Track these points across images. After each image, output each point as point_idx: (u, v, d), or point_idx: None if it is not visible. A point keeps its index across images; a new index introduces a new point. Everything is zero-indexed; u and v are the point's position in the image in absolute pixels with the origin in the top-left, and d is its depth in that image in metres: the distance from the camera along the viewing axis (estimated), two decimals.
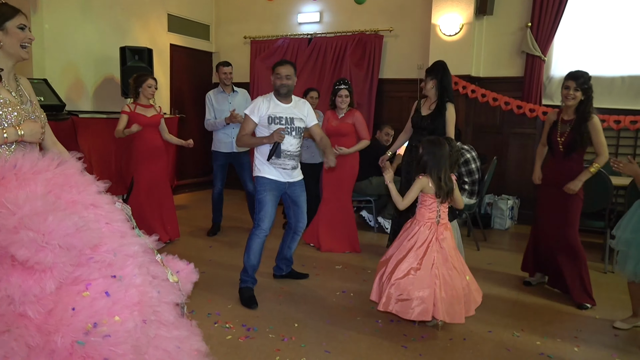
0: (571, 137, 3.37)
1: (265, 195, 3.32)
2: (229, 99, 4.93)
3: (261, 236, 3.35)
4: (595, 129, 3.31)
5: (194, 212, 6.17)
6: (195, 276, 2.12)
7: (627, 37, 5.25)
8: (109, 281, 1.60)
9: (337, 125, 4.44)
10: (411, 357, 2.64)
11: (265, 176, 3.33)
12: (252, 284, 3.40)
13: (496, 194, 5.87)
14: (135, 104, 4.46)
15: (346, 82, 4.46)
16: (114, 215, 1.82)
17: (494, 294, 3.62)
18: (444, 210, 2.95)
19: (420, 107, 4.07)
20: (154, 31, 6.68)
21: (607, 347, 2.82)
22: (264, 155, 3.32)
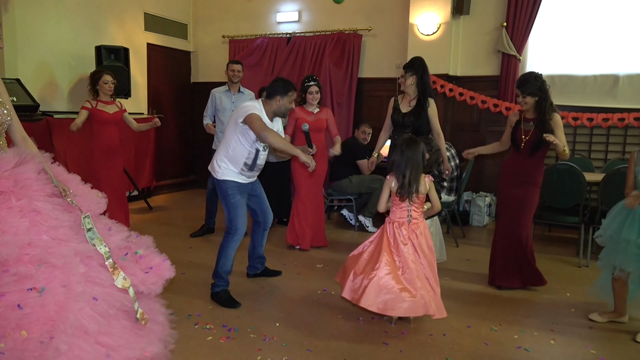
0: (536, 135, 3.41)
1: (238, 198, 3.28)
2: (233, 98, 4.89)
3: (239, 241, 3.33)
4: (558, 125, 3.38)
5: (173, 213, 6.11)
6: (169, 272, 2.09)
7: (598, 37, 5.38)
8: (25, 294, 1.59)
9: (314, 121, 4.39)
10: (392, 353, 2.67)
11: (234, 180, 3.26)
12: (227, 286, 3.37)
13: (474, 192, 5.95)
14: (97, 100, 4.43)
15: (315, 79, 4.43)
16: (58, 222, 1.79)
17: (473, 289, 3.68)
18: (415, 209, 2.97)
19: (399, 104, 4.09)
20: (130, 30, 6.58)
21: (582, 339, 2.89)
22: (236, 164, 3.24)
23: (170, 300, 3.27)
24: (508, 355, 2.67)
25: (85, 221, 1.88)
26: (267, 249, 4.17)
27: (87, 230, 1.86)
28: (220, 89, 4.95)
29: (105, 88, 4.44)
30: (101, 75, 4.44)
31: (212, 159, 3.36)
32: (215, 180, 3.32)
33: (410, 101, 4.01)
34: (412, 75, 3.94)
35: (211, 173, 3.35)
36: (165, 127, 7.21)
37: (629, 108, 5.20)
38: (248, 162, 3.26)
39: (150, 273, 1.99)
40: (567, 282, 3.83)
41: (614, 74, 5.34)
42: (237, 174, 3.27)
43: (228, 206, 3.27)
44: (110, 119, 4.49)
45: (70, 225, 1.84)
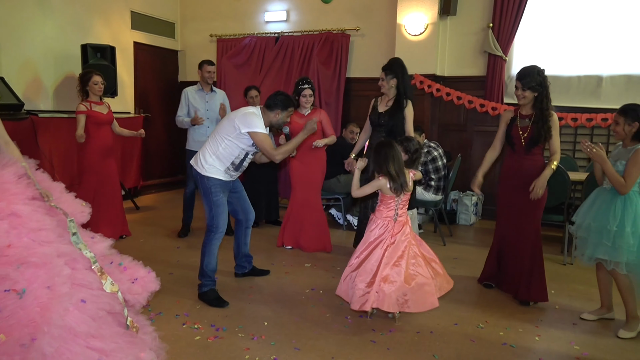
0: (533, 130, 3.26)
1: (221, 197, 3.30)
2: (207, 98, 4.88)
3: (220, 239, 3.35)
4: (554, 126, 3.25)
5: (161, 213, 6.07)
6: (154, 285, 2.04)
7: (582, 39, 5.46)
8: (2, 296, 1.56)
9: (304, 123, 4.40)
10: (380, 351, 2.69)
11: (219, 177, 3.28)
12: (214, 285, 3.37)
13: (461, 191, 6.01)
14: (89, 101, 4.39)
15: (309, 82, 4.40)
16: (40, 224, 1.77)
17: (460, 287, 3.71)
18: (401, 207, 3.02)
19: (377, 105, 4.13)
20: (116, 28, 6.53)
21: (566, 335, 2.94)
22: (224, 163, 3.27)
23: (158, 300, 3.28)
24: (494, 352, 2.71)
25: (71, 225, 1.85)
26: (255, 248, 4.18)
27: (72, 234, 1.83)
28: (193, 88, 4.92)
29: (95, 89, 4.41)
30: (91, 76, 4.41)
31: (198, 155, 3.36)
32: (198, 176, 3.30)
33: (388, 101, 4.06)
34: (393, 78, 3.98)
35: (194, 168, 3.33)
36: (153, 126, 7.18)
37: (612, 108, 5.28)
38: (235, 162, 3.31)
39: (135, 284, 1.96)
40: (552, 280, 3.88)
41: (598, 75, 5.43)
42: (222, 172, 3.29)
43: (210, 204, 3.28)
44: (105, 119, 4.48)
45: (53, 228, 1.81)
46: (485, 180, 6.16)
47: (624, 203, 2.86)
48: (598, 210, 2.95)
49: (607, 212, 2.89)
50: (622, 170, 2.86)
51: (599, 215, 2.93)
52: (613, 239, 2.82)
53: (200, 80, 4.91)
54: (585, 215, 3.03)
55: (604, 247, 2.87)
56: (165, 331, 2.84)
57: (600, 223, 2.90)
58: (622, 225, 2.81)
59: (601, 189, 3.03)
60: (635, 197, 2.86)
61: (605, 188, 2.99)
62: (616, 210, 2.86)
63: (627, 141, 2.92)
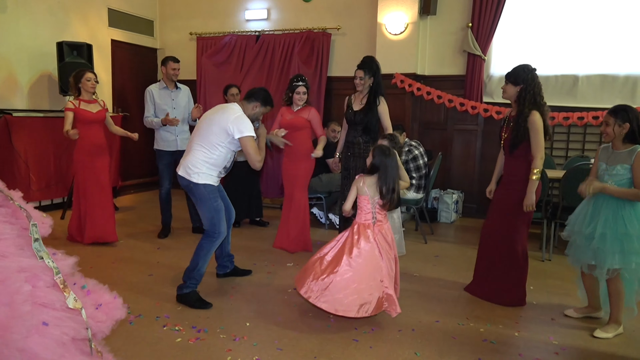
0: (511, 133, 3.21)
1: (219, 202, 3.27)
2: (172, 96, 4.80)
3: (218, 243, 3.32)
4: (533, 127, 3.09)
5: (141, 213, 5.99)
6: (120, 313, 1.85)
7: (559, 39, 5.55)
8: None
9: (292, 119, 4.37)
10: (362, 349, 2.69)
11: (211, 183, 3.24)
12: (196, 287, 3.32)
13: (442, 189, 6.06)
14: (79, 99, 4.32)
15: (304, 79, 4.40)
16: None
17: (441, 285, 3.74)
18: (379, 211, 3.03)
19: (352, 103, 4.16)
20: (93, 26, 6.41)
21: (545, 330, 2.98)
22: (216, 169, 3.23)
23: (138, 302, 3.23)
24: (475, 348, 2.73)
25: (33, 229, 1.68)
26: (237, 248, 4.15)
27: (34, 240, 1.67)
28: (155, 85, 4.81)
29: (88, 85, 4.33)
30: (84, 73, 4.34)
31: (185, 163, 3.22)
32: (193, 185, 3.19)
33: (362, 99, 4.10)
34: (371, 77, 4.03)
35: (185, 178, 3.21)
36: (131, 125, 7.06)
37: (587, 107, 5.40)
38: (227, 165, 3.30)
39: (99, 310, 1.77)
40: (531, 276, 3.92)
41: (574, 75, 5.53)
42: (214, 177, 3.26)
43: (211, 210, 3.22)
44: (94, 118, 4.37)
45: (13, 239, 1.65)
46: (465, 179, 6.29)
47: (632, 206, 2.80)
48: (607, 217, 2.83)
49: (617, 216, 2.79)
50: (623, 173, 2.79)
51: (609, 221, 2.81)
52: (635, 243, 2.74)
53: (164, 77, 4.78)
54: (591, 223, 2.89)
55: (624, 254, 2.76)
56: (145, 334, 2.81)
57: (615, 229, 2.78)
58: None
59: (599, 196, 2.89)
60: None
61: (605, 195, 2.87)
62: (629, 213, 2.78)
63: (618, 143, 2.86)
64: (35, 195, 5.57)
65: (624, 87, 5.34)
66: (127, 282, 3.63)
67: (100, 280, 1.89)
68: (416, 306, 3.30)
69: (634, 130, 2.80)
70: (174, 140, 4.76)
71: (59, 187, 5.79)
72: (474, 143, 6.11)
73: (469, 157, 6.15)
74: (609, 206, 2.84)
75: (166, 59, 4.78)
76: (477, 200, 6.17)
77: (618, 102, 5.34)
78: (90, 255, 4.22)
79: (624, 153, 2.83)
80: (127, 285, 3.55)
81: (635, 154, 2.77)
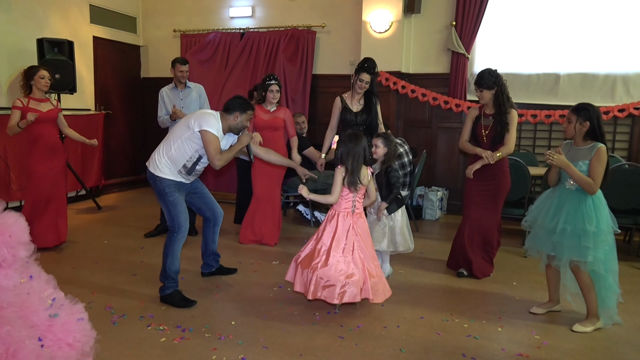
0: (495, 129, 3.56)
1: (177, 196, 3.23)
2: (181, 95, 4.77)
3: (183, 239, 3.28)
4: (512, 122, 3.53)
5: (124, 212, 5.92)
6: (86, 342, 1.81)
7: (541, 38, 5.63)
8: None
9: (270, 119, 4.45)
10: (348, 346, 2.70)
11: (172, 179, 3.21)
12: (177, 286, 3.30)
13: (427, 186, 6.11)
14: (28, 98, 4.16)
15: (276, 78, 4.46)
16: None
17: (426, 281, 3.78)
18: (358, 200, 3.11)
19: (348, 104, 4.17)
20: (74, 22, 6.31)
21: (527, 325, 3.03)
22: (175, 165, 3.20)
23: (122, 302, 3.20)
24: (459, 344, 2.76)
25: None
26: (222, 246, 4.13)
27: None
28: (167, 87, 4.82)
29: (41, 83, 4.14)
30: (37, 70, 4.15)
31: (152, 155, 3.28)
32: (152, 177, 3.21)
33: (359, 100, 4.12)
34: (372, 77, 4.07)
35: (148, 169, 3.24)
36: (114, 123, 6.99)
37: (569, 105, 5.41)
38: (187, 165, 3.23)
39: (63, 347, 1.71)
40: (513, 272, 4.01)
41: (555, 73, 5.61)
42: (175, 173, 3.23)
43: (167, 205, 3.21)
44: (43, 117, 4.14)
45: None
46: (449, 176, 6.34)
47: (593, 202, 2.88)
48: (569, 213, 2.90)
49: (578, 213, 2.88)
50: (585, 169, 2.88)
51: (570, 217, 2.89)
52: (592, 239, 2.82)
53: (174, 79, 4.79)
54: (550, 217, 2.99)
55: (581, 249, 2.84)
56: (129, 334, 2.78)
57: (575, 225, 2.86)
58: (599, 224, 2.84)
59: (563, 190, 2.99)
60: (600, 194, 2.91)
61: (569, 189, 2.95)
62: (588, 211, 2.86)
63: (579, 140, 2.96)
64: (15, 195, 5.46)
65: (603, 86, 5.44)
66: (110, 282, 3.59)
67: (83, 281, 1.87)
68: (401, 303, 3.32)
69: (594, 128, 2.90)
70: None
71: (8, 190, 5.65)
72: (458, 141, 6.14)
73: (453, 155, 6.20)
74: (572, 202, 2.93)
75: (174, 61, 4.76)
76: (462, 197, 6.22)
77: (598, 100, 5.50)
78: (72, 255, 4.16)
79: (585, 150, 2.94)
80: (111, 286, 3.51)
81: (595, 150, 2.88)
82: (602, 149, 2.87)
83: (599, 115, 2.92)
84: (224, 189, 6.49)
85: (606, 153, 2.88)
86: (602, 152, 2.86)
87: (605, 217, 2.88)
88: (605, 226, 2.86)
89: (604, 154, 2.86)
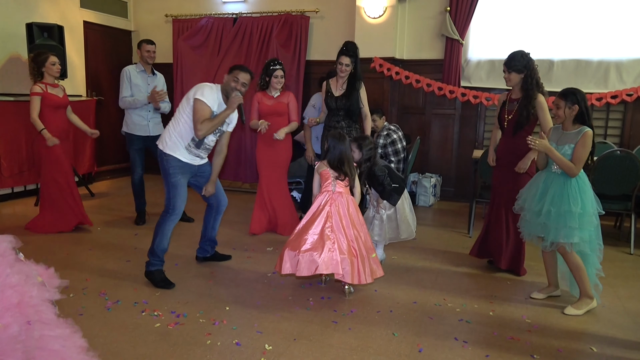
0: (517, 115, 3.43)
1: (180, 178, 3.26)
2: (149, 81, 4.71)
3: (175, 221, 3.31)
4: (541, 107, 3.37)
5: (116, 199, 5.90)
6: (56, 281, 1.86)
7: (535, 24, 5.61)
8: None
9: (274, 104, 4.33)
10: (341, 330, 2.73)
11: (179, 158, 3.25)
12: (162, 266, 3.34)
13: (420, 173, 6.12)
14: (45, 83, 4.18)
15: (280, 63, 4.37)
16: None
17: (419, 267, 3.81)
18: (339, 183, 3.17)
19: (332, 89, 4.18)
20: (64, 7, 6.21)
21: (518, 309, 3.07)
22: (184, 139, 3.23)
23: (116, 289, 3.21)
24: (451, 328, 2.80)
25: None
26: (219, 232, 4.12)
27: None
28: (133, 67, 4.70)
29: (53, 70, 4.19)
30: (48, 57, 4.18)
31: (163, 134, 3.34)
32: (161, 155, 3.26)
33: (342, 84, 4.13)
34: (354, 61, 4.08)
35: (158, 147, 3.30)
36: (106, 110, 6.92)
37: None
38: (196, 139, 3.25)
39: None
40: None
41: (549, 59, 5.60)
42: (184, 149, 3.25)
43: (168, 185, 3.26)
44: (61, 102, 4.27)
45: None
46: (443, 163, 6.36)
47: (578, 184, 2.94)
48: (554, 195, 2.97)
49: (563, 195, 2.93)
50: (570, 153, 2.94)
51: (556, 199, 2.94)
52: (577, 220, 2.88)
53: (140, 60, 4.69)
54: (537, 200, 3.05)
55: (567, 230, 2.90)
56: (123, 319, 2.79)
57: (560, 207, 2.91)
58: (584, 206, 2.89)
59: (549, 174, 3.05)
60: (585, 176, 2.99)
61: (555, 172, 3.01)
62: (573, 193, 2.92)
63: (568, 124, 3.00)
64: (7, 182, 5.43)
65: (597, 72, 5.44)
66: (104, 268, 3.59)
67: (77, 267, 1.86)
68: (394, 288, 3.35)
69: (582, 112, 2.94)
70: (146, 125, 4.67)
71: (32, 173, 5.66)
72: (452, 127, 6.17)
73: (446, 141, 6.21)
74: (557, 185, 2.99)
75: (140, 42, 4.69)
76: (455, 183, 6.25)
77: (592, 87, 5.51)
78: (66, 242, 4.15)
79: (572, 134, 2.98)
80: (105, 272, 3.52)
81: (582, 134, 2.92)
82: (588, 133, 2.92)
83: (585, 99, 2.97)
84: (242, 179, 6.49)
85: (592, 137, 2.92)
86: (587, 137, 2.91)
87: (590, 199, 2.94)
88: (591, 207, 2.92)
89: (589, 139, 2.91)
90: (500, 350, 2.56)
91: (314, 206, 3.18)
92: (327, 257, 2.95)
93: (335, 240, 3.02)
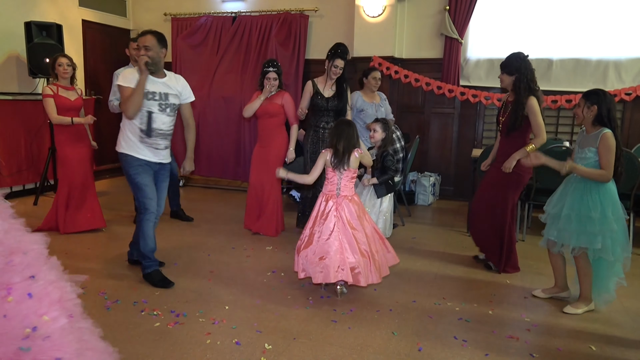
0: (509, 117, 3.41)
1: (143, 177, 3.21)
2: None
3: (152, 219, 3.28)
4: (531, 110, 3.30)
5: (117, 198, 5.89)
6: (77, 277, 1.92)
7: (534, 23, 5.61)
8: (28, 282, 1.49)
9: (265, 105, 4.26)
10: (341, 330, 2.73)
11: (135, 155, 3.19)
12: (157, 266, 3.34)
13: (419, 172, 6.12)
14: (57, 85, 4.18)
15: (275, 64, 4.24)
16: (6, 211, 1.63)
17: (418, 266, 3.81)
18: (344, 184, 3.11)
19: (321, 90, 4.22)
20: (63, 6, 6.20)
21: (517, 308, 3.07)
22: (134, 132, 3.19)
23: (115, 288, 3.20)
24: (450, 327, 2.80)
25: None
26: (216, 231, 4.13)
27: None
28: (127, 70, 4.64)
29: (60, 71, 4.18)
30: (56, 58, 4.19)
31: (118, 137, 3.30)
32: (120, 157, 3.24)
33: (332, 85, 4.22)
34: (344, 62, 4.18)
35: (117, 150, 3.27)
36: (104, 109, 6.88)
37: (561, 91, 5.50)
38: (143, 128, 3.19)
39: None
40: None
41: (548, 58, 5.60)
42: (139, 143, 3.20)
43: (133, 187, 3.25)
44: (71, 105, 4.23)
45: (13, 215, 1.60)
46: (442, 162, 6.36)
47: (598, 188, 2.87)
48: (574, 199, 2.91)
49: (583, 200, 2.87)
50: (591, 156, 2.86)
51: (575, 203, 2.89)
52: (597, 226, 2.82)
53: (131, 60, 4.62)
54: (558, 204, 3.00)
55: (588, 235, 2.84)
56: (123, 319, 2.79)
57: (579, 212, 2.86)
58: (604, 211, 2.83)
59: (571, 177, 2.99)
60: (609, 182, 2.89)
61: (576, 176, 2.95)
62: (594, 197, 2.86)
63: (588, 126, 2.93)
64: (5, 181, 5.43)
65: (595, 71, 5.45)
66: (103, 267, 3.59)
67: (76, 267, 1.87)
68: (394, 287, 3.35)
69: (602, 114, 2.85)
70: None
71: (31, 172, 5.65)
72: (451, 126, 6.17)
73: (446, 140, 6.22)
74: (577, 189, 2.93)
75: (132, 41, 4.58)
76: (454, 182, 6.26)
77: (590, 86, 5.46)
78: (66, 241, 4.15)
79: (592, 136, 2.90)
80: (104, 271, 3.51)
81: (601, 136, 2.84)
82: (607, 134, 2.82)
83: (611, 101, 2.86)
84: (241, 178, 6.47)
85: (613, 138, 2.82)
86: (607, 138, 2.81)
87: (611, 204, 2.84)
88: (612, 213, 2.83)
89: (609, 140, 2.80)
90: (499, 349, 2.57)
91: (318, 210, 3.11)
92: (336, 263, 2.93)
93: (344, 247, 2.99)
